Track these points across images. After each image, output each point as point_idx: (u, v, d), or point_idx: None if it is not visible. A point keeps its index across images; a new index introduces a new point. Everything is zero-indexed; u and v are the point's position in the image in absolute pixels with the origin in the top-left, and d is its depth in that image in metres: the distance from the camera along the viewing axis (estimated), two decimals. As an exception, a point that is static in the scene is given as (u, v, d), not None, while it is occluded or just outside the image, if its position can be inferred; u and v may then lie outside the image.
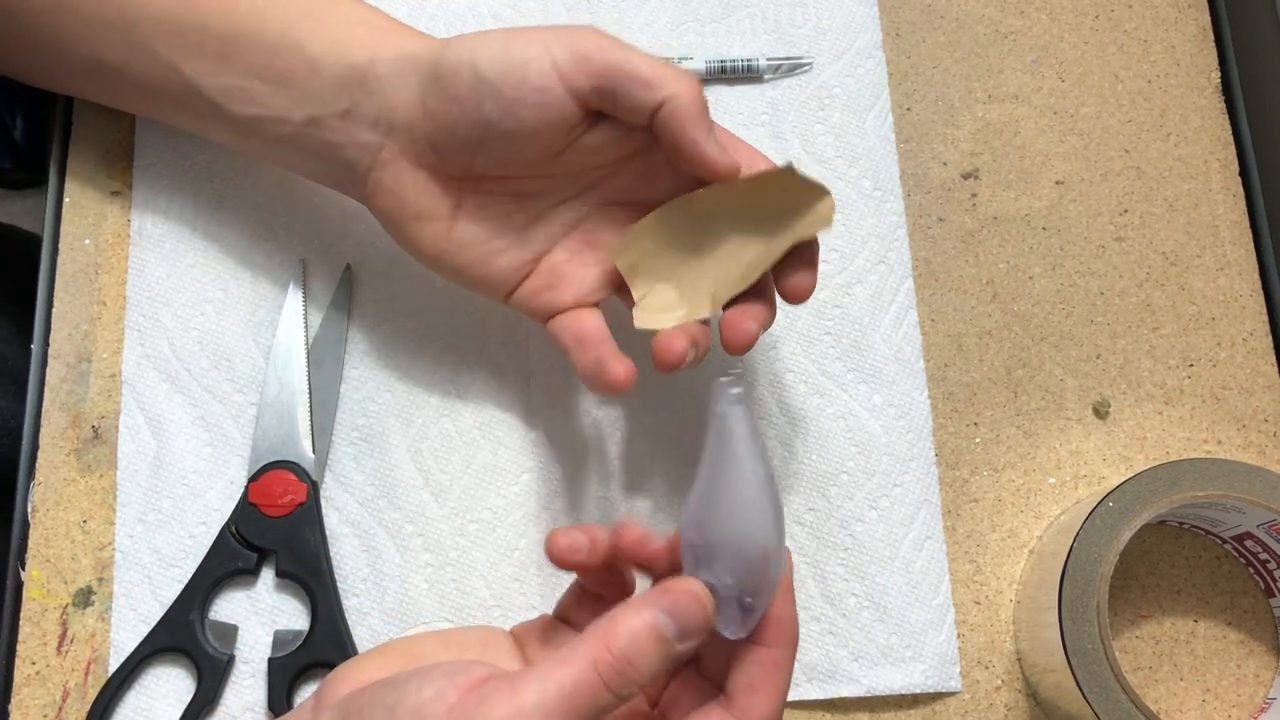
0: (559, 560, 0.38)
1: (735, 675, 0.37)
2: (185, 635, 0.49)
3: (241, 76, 0.45)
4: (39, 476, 0.52)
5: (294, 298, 0.53)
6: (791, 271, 0.44)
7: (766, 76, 0.57)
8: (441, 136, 0.43)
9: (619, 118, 0.42)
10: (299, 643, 0.49)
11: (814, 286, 0.44)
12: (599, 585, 0.41)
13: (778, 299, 0.45)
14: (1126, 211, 0.57)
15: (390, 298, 0.54)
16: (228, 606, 0.50)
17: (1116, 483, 0.48)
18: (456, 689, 0.33)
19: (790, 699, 0.50)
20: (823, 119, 0.57)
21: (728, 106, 0.57)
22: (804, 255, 0.44)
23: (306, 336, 0.53)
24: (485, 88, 0.41)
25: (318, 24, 0.45)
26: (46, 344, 0.53)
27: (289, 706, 0.48)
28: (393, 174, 0.44)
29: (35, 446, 0.52)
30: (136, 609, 0.50)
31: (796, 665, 0.50)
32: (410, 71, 0.43)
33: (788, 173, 0.42)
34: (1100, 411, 0.54)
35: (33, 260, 0.55)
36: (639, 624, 0.34)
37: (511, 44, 0.41)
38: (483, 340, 0.53)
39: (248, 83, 0.45)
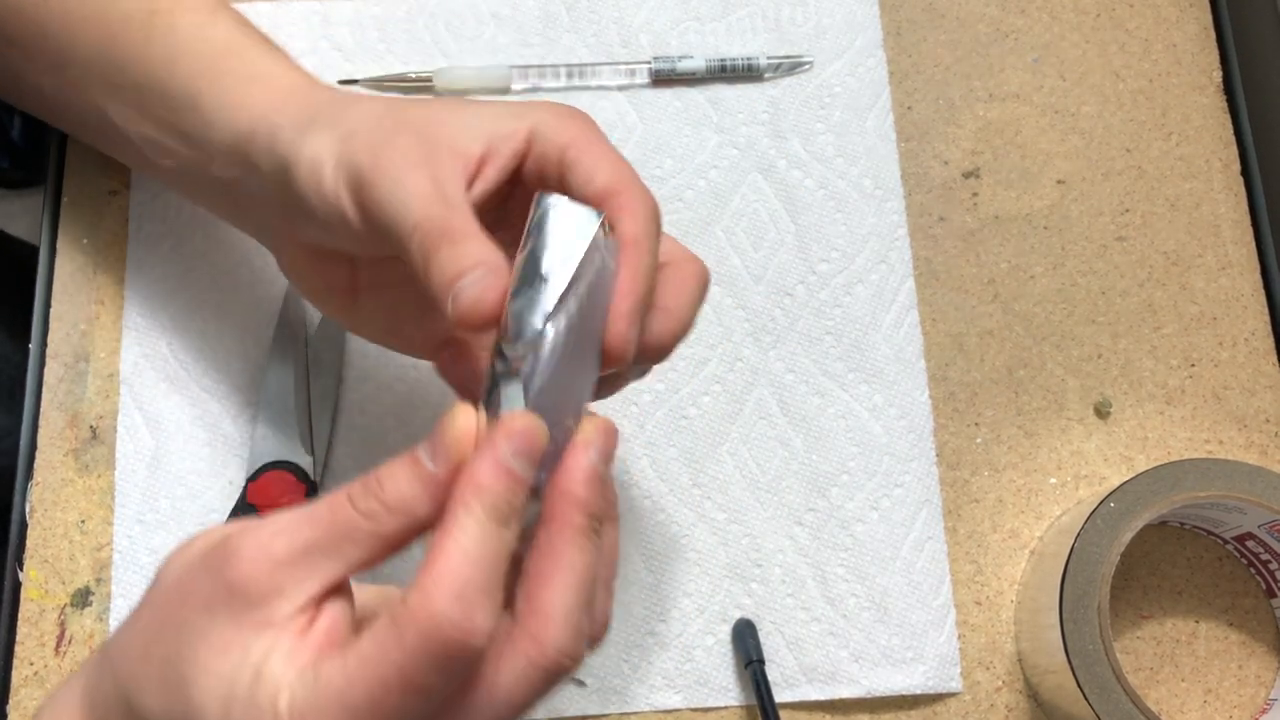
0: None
1: (519, 588, 0.33)
2: (184, 636, 0.48)
3: (154, 128, 0.44)
4: (37, 477, 0.51)
5: (293, 298, 0.53)
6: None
7: (767, 75, 0.57)
8: (297, 224, 0.41)
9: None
10: (298, 644, 0.49)
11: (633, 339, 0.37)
12: None
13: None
14: (1128, 211, 0.57)
15: (389, 297, 0.54)
16: (226, 607, 0.50)
17: (1118, 483, 0.48)
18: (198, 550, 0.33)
19: (790, 699, 0.50)
20: (823, 118, 0.57)
21: (728, 106, 0.57)
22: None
23: (305, 336, 0.53)
24: (302, 197, 0.39)
25: (215, 80, 0.42)
26: (45, 344, 0.53)
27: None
28: (289, 251, 0.42)
29: (33, 446, 0.52)
30: (135, 610, 0.50)
31: (797, 665, 0.50)
32: (274, 152, 0.40)
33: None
34: (1101, 411, 0.54)
35: (22, 265, 0.54)
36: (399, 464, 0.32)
37: (323, 160, 0.38)
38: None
39: (160, 135, 0.44)
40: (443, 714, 0.31)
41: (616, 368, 0.36)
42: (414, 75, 0.57)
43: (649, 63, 0.57)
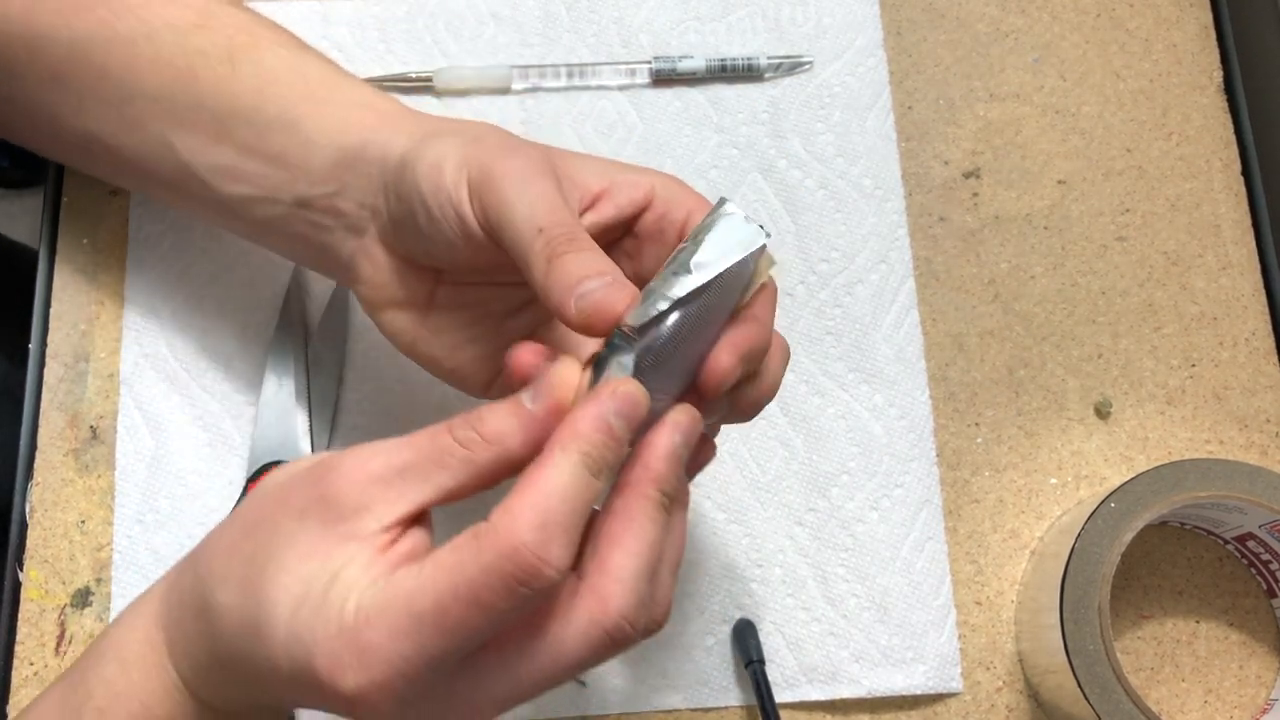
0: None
1: (588, 549, 0.34)
2: (184, 636, 0.48)
3: (234, 154, 0.44)
4: (37, 477, 0.51)
5: (293, 298, 0.53)
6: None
7: (767, 75, 0.57)
8: (397, 229, 0.42)
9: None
10: (298, 644, 0.49)
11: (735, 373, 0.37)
12: None
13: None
14: (1128, 211, 0.57)
15: (389, 297, 0.54)
16: (226, 607, 0.50)
17: (1118, 483, 0.48)
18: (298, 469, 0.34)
19: (791, 700, 0.50)
20: (823, 118, 0.57)
21: (728, 106, 0.57)
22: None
23: (305, 336, 0.53)
24: (416, 195, 0.40)
25: (317, 106, 0.44)
26: (44, 344, 0.53)
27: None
28: (371, 259, 0.43)
29: (33, 447, 0.52)
30: (135, 610, 0.50)
31: (797, 665, 0.50)
32: (388, 158, 0.41)
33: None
34: (1102, 412, 0.54)
35: (17, 270, 0.54)
36: (499, 407, 0.34)
37: (447, 157, 0.39)
38: (482, 340, 0.53)
39: (240, 161, 0.44)
40: (501, 656, 0.33)
41: (706, 394, 0.37)
42: (414, 75, 0.57)
43: (649, 63, 0.57)
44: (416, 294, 0.43)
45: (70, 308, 0.54)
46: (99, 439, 0.52)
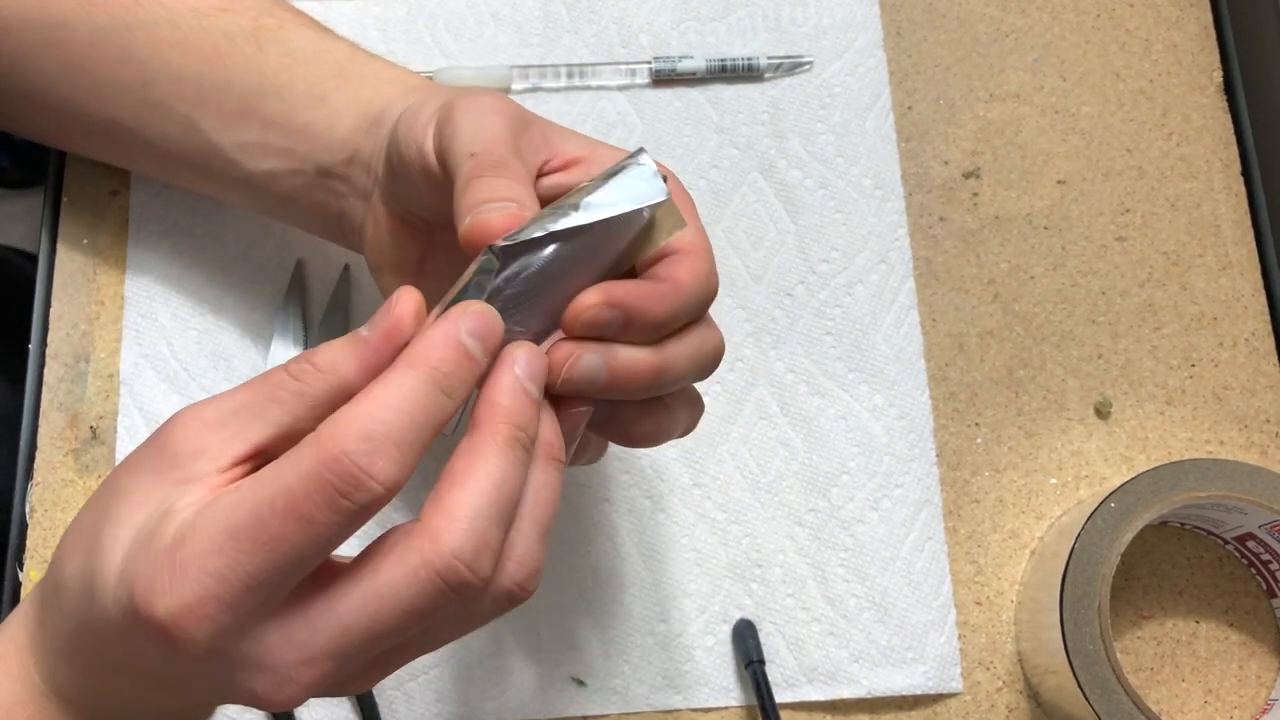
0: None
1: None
2: (184, 636, 0.48)
3: (261, 130, 0.45)
4: (37, 477, 0.51)
5: (292, 298, 0.53)
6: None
7: (767, 75, 0.57)
8: (386, 181, 0.42)
9: None
10: (298, 644, 0.49)
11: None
12: None
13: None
14: (1128, 211, 0.57)
15: (389, 297, 0.54)
16: (226, 607, 0.50)
17: (1118, 483, 0.48)
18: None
19: (791, 700, 0.50)
20: (823, 118, 0.57)
21: (728, 106, 0.57)
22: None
23: (305, 337, 0.53)
24: (393, 138, 0.40)
25: (345, 81, 0.45)
26: (44, 344, 0.53)
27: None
28: (374, 220, 0.44)
29: (33, 447, 0.52)
30: (135, 610, 0.50)
31: (797, 666, 0.50)
32: (392, 115, 0.42)
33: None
34: (1102, 412, 0.54)
35: (12, 276, 0.54)
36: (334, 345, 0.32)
37: (428, 103, 0.40)
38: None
39: (267, 136, 0.45)
40: (326, 594, 0.31)
41: (563, 328, 0.35)
42: (414, 75, 0.57)
43: (649, 63, 0.57)
44: (409, 256, 0.43)
45: (70, 308, 0.54)
46: (99, 439, 0.52)
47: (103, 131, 0.49)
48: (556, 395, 0.35)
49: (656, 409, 0.39)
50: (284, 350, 0.52)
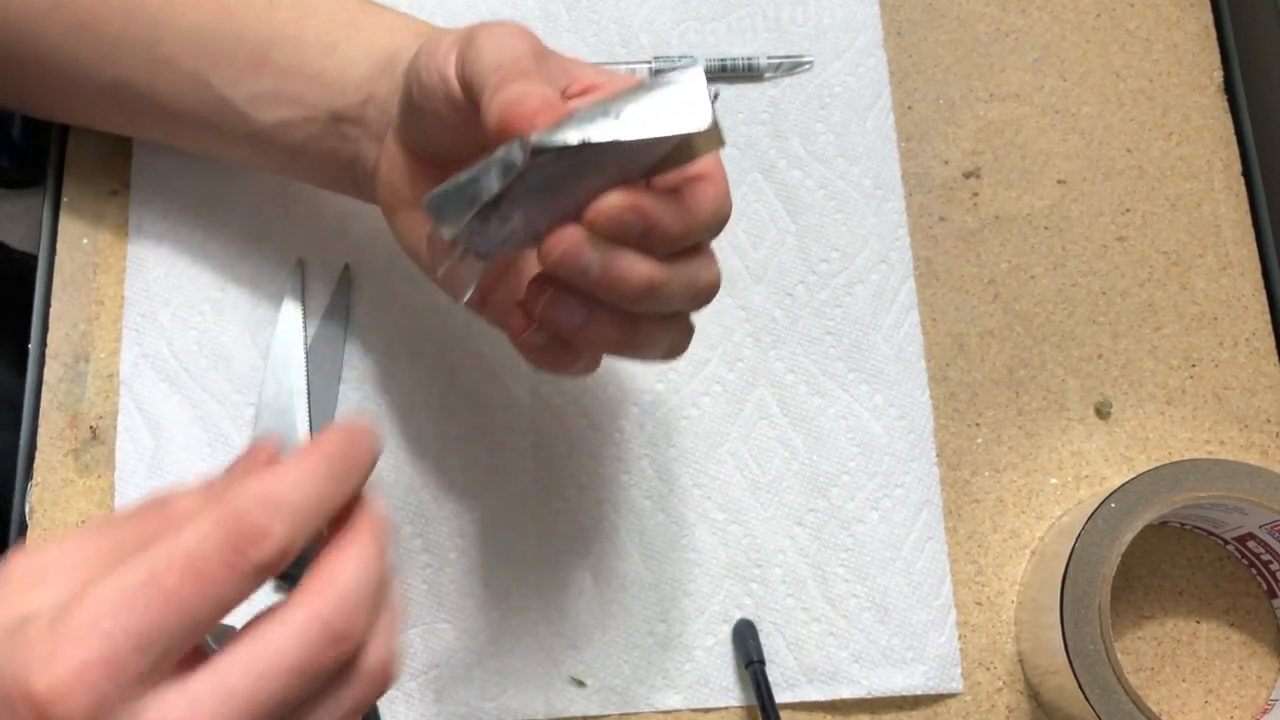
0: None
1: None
2: (183, 636, 0.48)
3: (274, 79, 0.46)
4: (36, 477, 0.51)
5: (292, 298, 0.53)
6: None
7: (767, 75, 0.57)
8: (403, 114, 0.42)
9: None
10: (298, 644, 0.48)
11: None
12: None
13: None
14: (1128, 211, 0.57)
15: (389, 298, 0.54)
16: (226, 607, 0.50)
17: (1118, 483, 0.48)
18: None
19: (790, 700, 0.50)
20: (824, 118, 0.57)
21: (728, 105, 0.57)
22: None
23: (305, 337, 0.53)
24: (413, 70, 0.40)
25: (357, 31, 0.45)
26: (44, 344, 0.53)
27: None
28: (389, 158, 0.44)
29: (33, 447, 0.52)
30: (135, 610, 0.50)
31: (797, 666, 0.50)
32: (406, 55, 0.43)
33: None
34: (1102, 412, 0.54)
35: (15, 275, 0.54)
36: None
37: (446, 34, 0.40)
38: (482, 340, 0.53)
39: (280, 84, 0.46)
40: (211, 664, 0.30)
41: (584, 223, 0.35)
42: (414, 75, 0.56)
43: (649, 63, 0.57)
44: (423, 193, 0.43)
45: (70, 308, 0.54)
46: (99, 439, 0.52)
47: (109, 94, 0.49)
48: (545, 277, 0.35)
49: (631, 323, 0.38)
50: (284, 350, 0.52)
